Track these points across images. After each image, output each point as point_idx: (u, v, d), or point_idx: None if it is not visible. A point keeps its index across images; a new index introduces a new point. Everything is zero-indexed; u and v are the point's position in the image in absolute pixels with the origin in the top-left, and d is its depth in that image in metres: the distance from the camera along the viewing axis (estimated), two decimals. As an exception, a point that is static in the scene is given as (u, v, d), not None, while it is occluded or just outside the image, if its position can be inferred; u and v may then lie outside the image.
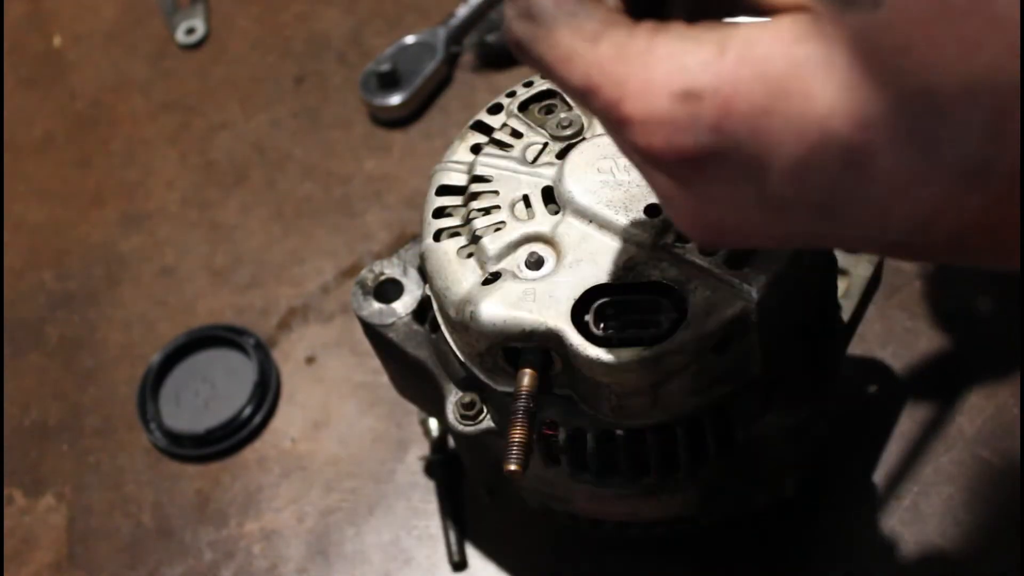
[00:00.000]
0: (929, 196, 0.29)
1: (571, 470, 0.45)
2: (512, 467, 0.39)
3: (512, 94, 0.48)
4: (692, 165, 0.31)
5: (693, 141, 0.30)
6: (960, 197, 0.28)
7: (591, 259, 0.42)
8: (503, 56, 0.79)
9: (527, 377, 0.41)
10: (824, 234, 0.32)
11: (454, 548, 0.59)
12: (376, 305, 0.50)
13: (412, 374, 0.49)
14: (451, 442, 0.62)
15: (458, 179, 0.46)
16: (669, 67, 0.31)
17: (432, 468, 0.62)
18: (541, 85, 0.48)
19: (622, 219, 0.42)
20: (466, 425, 0.45)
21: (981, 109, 0.27)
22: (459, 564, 0.59)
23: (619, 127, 0.32)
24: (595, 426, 0.42)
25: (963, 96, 0.27)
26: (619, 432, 0.43)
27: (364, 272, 0.50)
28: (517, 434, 0.40)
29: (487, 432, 0.45)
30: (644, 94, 0.31)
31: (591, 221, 0.42)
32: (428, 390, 0.48)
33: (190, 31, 0.87)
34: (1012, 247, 0.29)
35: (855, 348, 0.57)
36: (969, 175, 0.28)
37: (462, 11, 0.81)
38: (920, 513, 0.56)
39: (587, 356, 0.39)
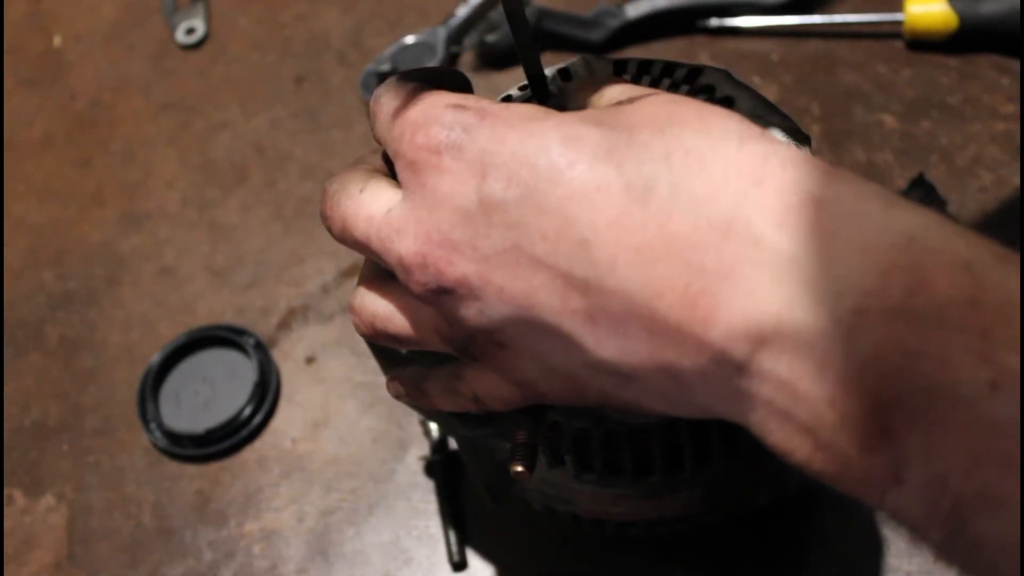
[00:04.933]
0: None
1: (575, 471, 0.45)
2: (519, 468, 0.39)
3: (508, 98, 0.48)
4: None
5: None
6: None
7: None
8: (503, 56, 0.79)
9: None
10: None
11: (454, 548, 0.59)
12: None
13: None
14: (451, 442, 0.62)
15: None
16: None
17: (432, 468, 0.62)
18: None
19: None
20: (471, 428, 0.45)
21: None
22: (459, 564, 0.59)
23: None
24: (599, 426, 0.42)
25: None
26: (623, 432, 0.43)
27: None
28: (523, 435, 0.40)
29: (492, 434, 0.45)
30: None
31: None
32: None
33: (190, 31, 0.87)
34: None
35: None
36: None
37: (462, 11, 0.81)
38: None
39: None
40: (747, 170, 0.31)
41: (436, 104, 0.35)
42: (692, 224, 0.30)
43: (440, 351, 0.39)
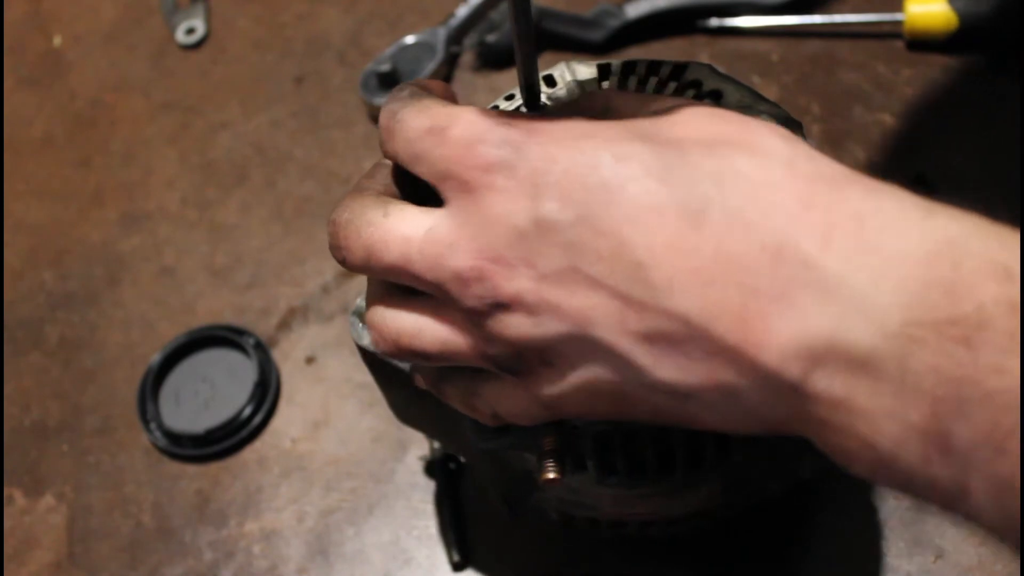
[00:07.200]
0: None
1: (598, 475, 0.44)
2: (550, 476, 0.39)
3: (494, 109, 0.47)
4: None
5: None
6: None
7: None
8: (503, 56, 0.79)
9: None
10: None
11: (454, 548, 0.59)
12: None
13: (420, 399, 0.47)
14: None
15: None
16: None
17: (432, 468, 0.62)
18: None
19: None
20: (489, 441, 0.44)
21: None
22: (459, 564, 0.59)
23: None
24: (620, 427, 0.42)
25: None
26: (645, 431, 0.42)
27: (360, 301, 0.47)
28: (550, 442, 0.40)
29: (512, 445, 0.44)
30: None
31: None
32: (439, 413, 0.46)
33: (190, 31, 0.87)
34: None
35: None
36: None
37: (462, 11, 0.81)
38: (920, 513, 0.56)
39: None
40: (796, 193, 0.31)
41: (479, 121, 0.35)
42: (745, 247, 0.31)
43: (472, 366, 0.38)
